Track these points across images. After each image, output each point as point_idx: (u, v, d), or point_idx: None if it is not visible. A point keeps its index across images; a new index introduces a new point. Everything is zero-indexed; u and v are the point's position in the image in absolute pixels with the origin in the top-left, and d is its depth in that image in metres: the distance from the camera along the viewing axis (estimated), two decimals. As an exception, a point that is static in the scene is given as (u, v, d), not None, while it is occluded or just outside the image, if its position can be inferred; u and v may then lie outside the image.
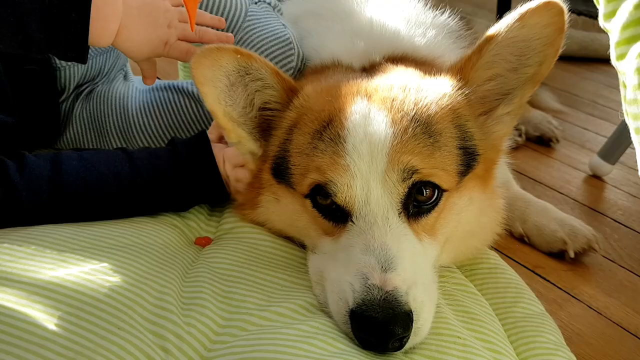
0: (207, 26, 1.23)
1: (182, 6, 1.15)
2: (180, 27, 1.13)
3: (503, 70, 1.11)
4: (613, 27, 0.93)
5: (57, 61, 1.39)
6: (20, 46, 0.98)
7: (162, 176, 1.14)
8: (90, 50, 1.46)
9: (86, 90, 1.51)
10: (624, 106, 0.92)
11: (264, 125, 1.19)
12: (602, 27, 0.99)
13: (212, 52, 1.05)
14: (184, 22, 1.15)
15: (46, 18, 0.96)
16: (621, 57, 0.91)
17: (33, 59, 1.28)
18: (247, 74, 1.11)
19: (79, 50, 1.01)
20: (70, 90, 1.48)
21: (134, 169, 1.12)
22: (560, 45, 1.05)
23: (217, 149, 1.20)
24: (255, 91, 1.14)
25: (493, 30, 1.07)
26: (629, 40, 0.89)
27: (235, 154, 1.20)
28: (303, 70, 1.42)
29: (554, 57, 1.07)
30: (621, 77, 0.93)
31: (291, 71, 1.36)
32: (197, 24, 1.17)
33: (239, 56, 1.07)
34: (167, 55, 1.13)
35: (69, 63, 1.39)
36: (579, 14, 3.47)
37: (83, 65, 1.42)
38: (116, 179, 1.10)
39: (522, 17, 1.03)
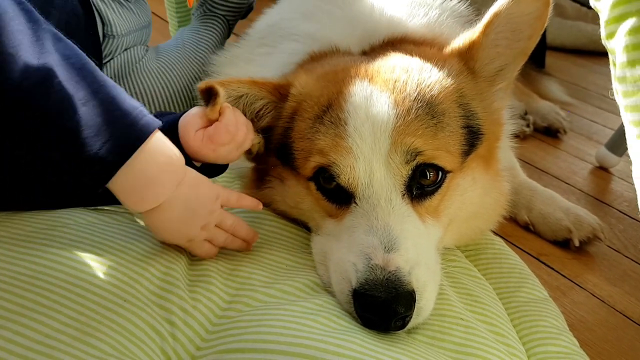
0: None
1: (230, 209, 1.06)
2: (213, 232, 1.01)
3: (502, 47, 1.13)
4: (603, 5, 0.93)
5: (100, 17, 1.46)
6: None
7: None
8: (121, 29, 1.54)
9: None
10: (614, 84, 0.92)
11: (262, 120, 1.18)
12: (592, 6, 0.99)
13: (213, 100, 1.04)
14: (218, 228, 1.02)
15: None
16: (610, 35, 0.91)
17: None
18: (239, 97, 1.12)
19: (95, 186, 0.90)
20: None
21: None
22: (547, 18, 1.09)
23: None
24: (244, 105, 1.13)
25: (494, 8, 1.09)
26: (618, 19, 0.89)
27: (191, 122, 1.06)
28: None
29: (541, 30, 1.11)
30: (611, 56, 0.93)
31: None
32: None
33: (224, 88, 1.06)
34: (188, 249, 1.01)
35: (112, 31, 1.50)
36: (589, 7, 3.45)
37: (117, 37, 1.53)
38: None
39: None
